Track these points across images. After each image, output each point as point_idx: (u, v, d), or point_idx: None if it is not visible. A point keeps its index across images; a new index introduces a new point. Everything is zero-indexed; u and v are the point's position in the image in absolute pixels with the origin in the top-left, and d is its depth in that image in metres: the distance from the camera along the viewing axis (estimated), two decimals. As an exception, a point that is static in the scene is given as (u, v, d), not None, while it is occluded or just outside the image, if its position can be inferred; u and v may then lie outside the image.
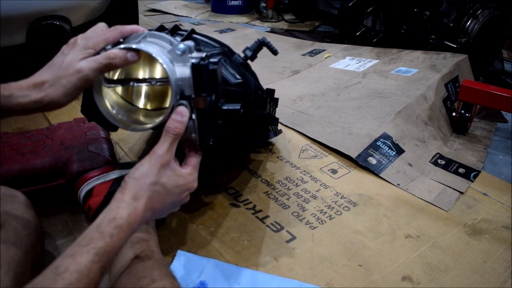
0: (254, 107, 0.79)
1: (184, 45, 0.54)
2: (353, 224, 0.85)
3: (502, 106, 1.17)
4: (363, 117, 1.19)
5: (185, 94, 0.55)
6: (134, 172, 0.50)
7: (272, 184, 0.97)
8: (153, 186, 0.50)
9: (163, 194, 0.51)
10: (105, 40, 0.54)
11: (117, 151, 1.05)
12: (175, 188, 0.52)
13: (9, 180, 0.79)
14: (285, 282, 0.70)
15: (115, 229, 0.45)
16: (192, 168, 0.55)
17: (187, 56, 0.54)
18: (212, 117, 0.58)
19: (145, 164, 0.51)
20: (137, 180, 0.49)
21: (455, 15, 1.65)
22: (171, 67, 0.54)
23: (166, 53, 0.54)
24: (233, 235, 0.80)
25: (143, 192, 0.49)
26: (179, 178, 0.53)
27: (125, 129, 0.58)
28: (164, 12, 2.94)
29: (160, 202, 0.51)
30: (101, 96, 0.56)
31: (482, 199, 0.95)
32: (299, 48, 2.03)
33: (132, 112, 0.61)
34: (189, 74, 0.54)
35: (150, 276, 0.55)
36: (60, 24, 1.20)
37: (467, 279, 0.73)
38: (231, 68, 0.75)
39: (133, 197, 0.48)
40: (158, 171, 0.50)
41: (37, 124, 1.21)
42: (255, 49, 0.82)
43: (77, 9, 1.27)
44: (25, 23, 1.15)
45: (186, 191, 0.54)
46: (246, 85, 0.75)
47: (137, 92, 0.64)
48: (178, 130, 0.52)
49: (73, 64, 0.50)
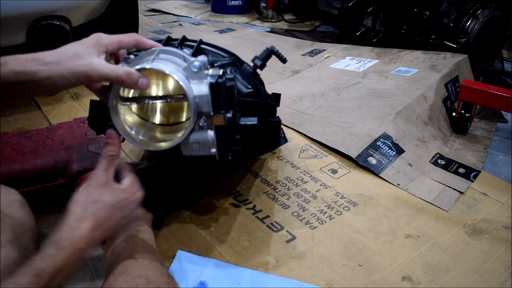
0: (265, 116, 0.79)
1: (199, 62, 0.54)
2: (353, 224, 0.85)
3: (502, 106, 1.17)
4: (363, 117, 1.19)
5: (202, 111, 0.56)
6: (76, 196, 0.52)
7: (272, 184, 0.97)
8: (95, 205, 0.51)
9: (108, 211, 0.52)
10: (119, 42, 0.54)
11: (117, 151, 1.04)
12: (118, 203, 0.53)
13: (9, 180, 0.79)
14: (285, 282, 0.70)
15: (57, 250, 0.46)
16: (130, 181, 0.56)
17: (203, 73, 0.55)
18: (230, 132, 0.58)
19: (85, 187, 0.52)
20: (79, 202, 0.51)
21: (455, 15, 1.65)
22: (188, 85, 0.54)
23: (182, 71, 0.55)
24: (233, 235, 0.80)
25: (86, 213, 0.50)
26: (120, 193, 0.54)
27: (144, 148, 0.59)
28: (164, 12, 2.94)
29: (107, 220, 0.52)
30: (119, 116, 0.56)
31: (482, 199, 0.95)
32: (299, 48, 2.03)
33: (150, 129, 0.61)
34: (207, 91, 0.54)
35: (146, 276, 0.55)
36: (60, 24, 1.20)
37: (467, 279, 0.73)
38: (241, 78, 0.75)
39: (77, 220, 0.49)
40: (98, 191, 0.52)
41: (37, 124, 1.21)
42: (264, 58, 0.83)
43: (77, 9, 1.28)
44: (25, 23, 1.15)
45: (132, 204, 0.55)
46: (258, 94, 0.75)
47: (152, 108, 0.64)
48: (112, 153, 0.54)
49: (85, 55, 0.50)
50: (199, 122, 0.57)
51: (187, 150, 0.59)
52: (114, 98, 0.55)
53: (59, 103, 1.34)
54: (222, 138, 0.58)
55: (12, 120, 1.23)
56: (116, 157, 0.54)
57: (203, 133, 0.58)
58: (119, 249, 0.60)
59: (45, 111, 1.28)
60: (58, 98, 1.38)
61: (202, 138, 0.58)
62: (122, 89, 0.56)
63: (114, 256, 0.60)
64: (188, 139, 0.57)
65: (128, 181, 0.56)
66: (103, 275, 0.69)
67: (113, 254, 0.60)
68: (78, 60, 0.49)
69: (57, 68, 0.48)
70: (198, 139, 0.58)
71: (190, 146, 0.58)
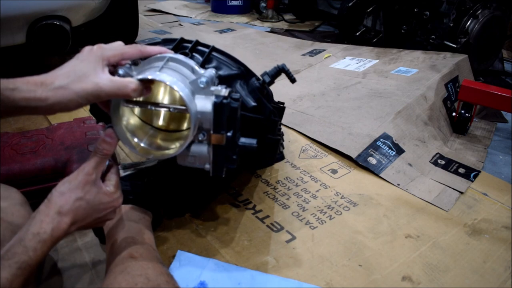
0: (265, 132, 0.79)
1: (206, 77, 0.54)
2: (353, 224, 0.85)
3: (502, 106, 1.17)
4: (363, 117, 1.19)
5: (203, 126, 0.55)
6: (61, 187, 0.51)
7: (272, 184, 0.97)
8: (78, 202, 0.51)
9: (87, 210, 0.52)
10: (122, 54, 0.53)
11: (118, 152, 1.05)
12: (99, 204, 0.53)
13: (9, 180, 0.79)
14: (285, 282, 0.70)
15: (39, 243, 0.47)
16: (116, 186, 0.56)
17: (209, 89, 0.54)
18: (227, 151, 0.58)
19: (72, 180, 0.52)
20: (63, 194, 0.51)
21: (455, 15, 1.65)
22: (192, 99, 0.54)
23: (188, 84, 0.54)
24: (233, 235, 0.80)
25: (67, 207, 0.50)
26: (104, 196, 0.54)
27: (144, 157, 0.58)
28: (164, 12, 2.94)
29: (84, 218, 0.52)
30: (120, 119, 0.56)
31: (482, 199, 0.95)
32: (299, 48, 2.03)
33: (149, 134, 0.61)
34: (210, 109, 0.54)
35: (145, 274, 0.55)
36: (60, 24, 1.20)
37: (467, 279, 0.73)
38: (247, 92, 0.75)
39: (57, 212, 0.49)
40: (84, 188, 0.52)
41: (37, 124, 1.21)
42: (273, 75, 0.82)
43: (77, 9, 1.28)
44: (25, 23, 1.15)
45: (110, 208, 0.55)
46: (262, 110, 0.75)
47: (155, 113, 0.64)
48: (106, 151, 0.53)
49: (90, 75, 0.50)
50: (198, 136, 0.56)
51: (183, 161, 0.59)
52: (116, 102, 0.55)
53: (59, 103, 1.34)
54: (219, 155, 0.58)
55: (12, 120, 1.23)
56: (108, 157, 0.54)
57: (200, 147, 0.57)
58: (119, 248, 0.60)
59: (45, 111, 1.28)
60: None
61: (199, 152, 0.58)
62: None
63: (113, 255, 0.60)
64: (185, 151, 0.57)
65: (113, 184, 0.56)
66: (103, 275, 0.69)
67: (112, 254, 0.61)
68: (86, 80, 0.49)
69: (66, 93, 0.48)
70: (195, 152, 0.58)
71: (186, 158, 0.58)
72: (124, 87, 0.50)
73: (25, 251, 0.46)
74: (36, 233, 0.47)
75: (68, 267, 0.71)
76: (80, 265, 0.72)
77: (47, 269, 0.71)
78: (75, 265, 0.72)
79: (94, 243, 0.77)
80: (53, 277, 0.69)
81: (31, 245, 0.46)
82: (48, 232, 0.48)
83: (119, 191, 0.57)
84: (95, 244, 0.76)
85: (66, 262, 0.72)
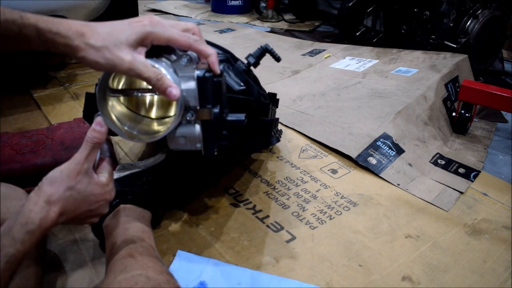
0: (257, 114, 0.79)
1: (188, 56, 0.54)
2: (353, 224, 0.85)
3: (502, 106, 1.17)
4: (363, 117, 1.19)
5: (190, 105, 0.56)
6: (52, 175, 0.50)
7: (272, 184, 0.97)
8: (69, 191, 0.50)
9: (78, 200, 0.51)
10: (168, 41, 0.53)
11: (117, 152, 1.05)
12: (91, 196, 0.52)
13: (9, 180, 0.79)
14: (285, 282, 0.70)
15: (27, 234, 0.46)
16: (109, 178, 0.55)
17: (191, 67, 0.55)
18: (216, 128, 0.58)
19: (63, 168, 0.50)
20: (53, 183, 0.49)
21: (455, 15, 1.65)
22: (176, 78, 0.54)
23: (171, 64, 0.55)
24: (233, 235, 0.80)
25: (57, 196, 0.49)
26: (96, 187, 0.52)
27: (130, 140, 0.59)
28: (164, 12, 2.94)
29: (74, 209, 0.51)
30: (106, 107, 0.56)
31: (482, 199, 0.95)
32: (299, 48, 2.03)
33: (137, 122, 0.61)
34: (194, 86, 0.54)
35: (145, 273, 0.54)
36: (60, 24, 1.20)
37: (467, 279, 0.73)
38: (234, 75, 0.75)
39: (46, 201, 0.48)
40: (75, 177, 0.50)
41: (37, 124, 1.21)
42: (258, 56, 0.83)
43: (77, 9, 1.28)
44: (25, 23, 1.15)
45: (102, 201, 0.54)
46: (250, 92, 0.75)
47: (141, 101, 0.64)
48: (97, 140, 0.52)
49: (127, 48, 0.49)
50: (186, 116, 0.56)
51: (174, 144, 0.59)
52: (102, 88, 0.55)
53: (59, 103, 1.34)
54: (209, 133, 0.58)
55: (12, 120, 1.23)
56: (100, 145, 0.53)
57: (189, 127, 0.57)
58: (119, 248, 0.60)
59: (45, 111, 1.28)
60: (58, 98, 1.38)
61: (188, 132, 0.58)
62: (111, 79, 0.56)
63: (113, 255, 0.60)
64: (174, 133, 0.57)
65: (105, 176, 0.55)
66: (102, 274, 0.69)
67: (112, 253, 0.60)
68: (119, 52, 0.49)
69: (96, 54, 0.48)
70: (185, 133, 0.58)
71: (177, 140, 0.58)
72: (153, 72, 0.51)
73: (13, 243, 0.45)
74: (24, 223, 0.47)
75: (68, 267, 0.71)
76: (79, 265, 0.72)
77: (47, 269, 0.70)
78: (74, 265, 0.72)
79: (94, 243, 0.77)
80: (53, 277, 0.69)
81: (19, 237, 0.46)
82: (36, 222, 0.47)
83: (112, 184, 0.56)
84: (95, 244, 0.76)
85: (66, 262, 0.72)
